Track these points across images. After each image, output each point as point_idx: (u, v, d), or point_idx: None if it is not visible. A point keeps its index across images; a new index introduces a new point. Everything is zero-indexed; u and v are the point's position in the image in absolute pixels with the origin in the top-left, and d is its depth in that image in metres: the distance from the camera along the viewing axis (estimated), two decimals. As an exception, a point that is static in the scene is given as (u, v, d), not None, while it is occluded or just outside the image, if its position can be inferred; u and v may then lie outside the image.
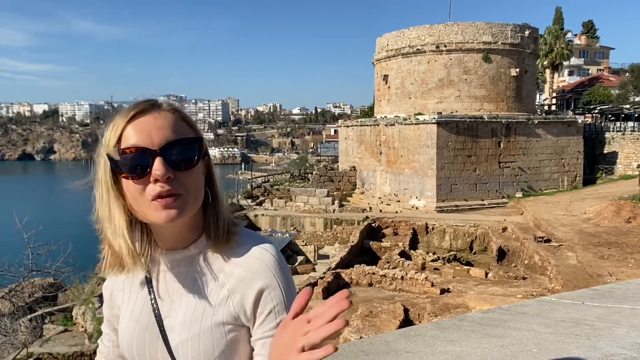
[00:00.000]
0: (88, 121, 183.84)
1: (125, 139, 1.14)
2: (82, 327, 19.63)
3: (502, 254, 22.55)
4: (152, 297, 1.26)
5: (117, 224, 1.17)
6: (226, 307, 1.20)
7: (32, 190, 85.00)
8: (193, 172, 1.16)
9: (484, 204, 29.98)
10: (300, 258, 23.92)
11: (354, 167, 36.46)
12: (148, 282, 1.27)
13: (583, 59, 73.33)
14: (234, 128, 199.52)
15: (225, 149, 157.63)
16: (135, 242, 1.20)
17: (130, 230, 1.19)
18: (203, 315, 1.20)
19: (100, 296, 19.99)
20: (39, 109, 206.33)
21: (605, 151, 37.07)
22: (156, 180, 1.11)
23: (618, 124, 40.30)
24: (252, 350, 1.22)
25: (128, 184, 1.14)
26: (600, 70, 69.51)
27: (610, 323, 3.43)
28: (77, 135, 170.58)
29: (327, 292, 17.40)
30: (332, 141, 75.48)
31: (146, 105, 1.16)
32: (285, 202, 32.94)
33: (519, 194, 30.67)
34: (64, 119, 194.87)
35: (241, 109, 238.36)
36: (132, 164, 1.12)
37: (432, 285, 17.79)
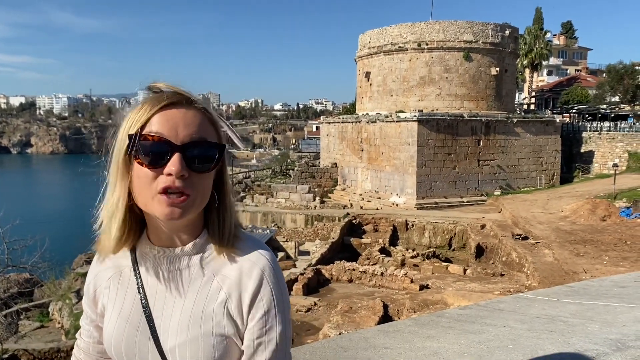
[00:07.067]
0: (66, 114, 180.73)
1: (150, 125, 1.13)
2: (59, 323, 19.35)
3: (480, 251, 22.82)
4: (142, 294, 1.23)
5: (115, 205, 1.17)
6: (225, 310, 1.19)
7: (8, 184, 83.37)
8: (206, 175, 1.17)
9: (463, 202, 30.31)
10: (281, 254, 23.89)
11: (336, 163, 36.53)
12: (137, 277, 1.24)
13: (562, 59, 74.45)
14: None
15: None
16: (126, 230, 1.19)
17: (127, 216, 1.18)
18: (202, 317, 1.19)
19: (78, 292, 19.74)
20: (16, 101, 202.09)
21: (582, 150, 37.71)
22: (169, 175, 1.11)
23: (595, 123, 40.98)
24: (241, 354, 1.21)
25: (139, 170, 1.13)
26: (578, 70, 70.59)
27: (583, 319, 3.50)
28: (55, 128, 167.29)
29: (308, 289, 17.44)
30: (314, 137, 75.45)
31: (180, 98, 1.16)
32: (267, 198, 32.88)
33: (497, 192, 31.07)
34: (42, 112, 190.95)
35: (222, 104, 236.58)
36: (151, 151, 1.11)
37: (412, 281, 17.92)
